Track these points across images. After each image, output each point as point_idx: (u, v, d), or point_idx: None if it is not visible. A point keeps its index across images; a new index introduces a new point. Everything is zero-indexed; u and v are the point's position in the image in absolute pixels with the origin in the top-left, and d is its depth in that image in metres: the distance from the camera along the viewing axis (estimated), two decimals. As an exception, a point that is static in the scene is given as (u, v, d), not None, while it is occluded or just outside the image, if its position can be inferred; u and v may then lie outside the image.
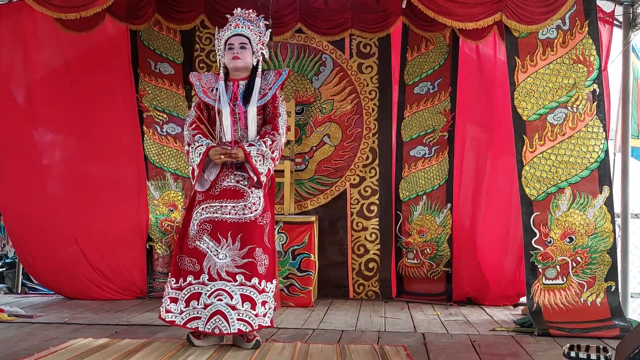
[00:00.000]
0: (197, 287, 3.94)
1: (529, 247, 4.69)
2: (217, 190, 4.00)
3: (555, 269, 4.63)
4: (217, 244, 3.95)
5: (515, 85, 4.77)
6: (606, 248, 4.65)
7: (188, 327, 3.94)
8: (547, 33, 4.75)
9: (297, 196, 6.30)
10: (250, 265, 3.93)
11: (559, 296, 4.60)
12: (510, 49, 4.80)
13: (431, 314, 5.41)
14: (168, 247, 6.15)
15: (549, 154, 4.71)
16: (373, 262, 6.25)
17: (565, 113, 4.71)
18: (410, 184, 6.20)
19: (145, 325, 4.75)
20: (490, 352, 4.01)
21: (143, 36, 6.20)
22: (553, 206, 4.69)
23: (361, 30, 6.14)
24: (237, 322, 3.87)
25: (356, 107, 6.30)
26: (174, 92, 6.22)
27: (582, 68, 4.73)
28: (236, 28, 4.05)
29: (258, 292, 3.92)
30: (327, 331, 4.61)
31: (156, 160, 6.20)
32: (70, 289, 5.96)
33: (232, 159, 3.93)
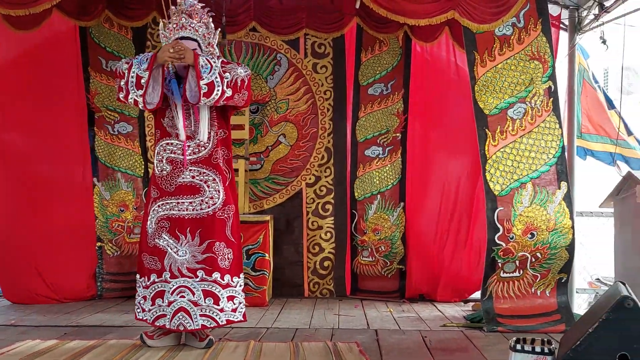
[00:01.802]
0: (161, 284, 3.93)
1: (491, 243, 4.71)
2: (173, 187, 3.95)
3: (514, 264, 4.69)
4: (176, 241, 3.92)
5: (475, 79, 4.82)
6: (565, 244, 4.72)
7: (156, 324, 3.93)
8: (504, 30, 4.82)
9: (253, 196, 6.28)
10: (211, 260, 3.91)
11: (512, 286, 4.67)
12: (469, 44, 4.86)
13: (384, 311, 5.46)
14: (118, 248, 6.07)
15: (510, 148, 4.76)
16: (328, 261, 6.28)
17: (525, 108, 4.78)
18: (365, 183, 6.25)
19: (96, 326, 4.68)
20: (440, 347, 4.08)
21: (93, 33, 6.09)
22: (516, 201, 4.72)
23: (316, 30, 6.17)
24: (200, 317, 3.86)
25: (311, 106, 6.32)
26: (126, 89, 6.14)
27: (538, 65, 4.81)
28: (183, 30, 3.95)
29: (221, 287, 3.91)
30: (281, 330, 4.62)
31: (107, 160, 6.11)
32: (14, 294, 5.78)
33: (180, 55, 3.76)
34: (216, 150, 4.00)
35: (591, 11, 5.72)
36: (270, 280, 5.89)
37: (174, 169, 3.96)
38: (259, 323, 4.84)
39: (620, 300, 3.06)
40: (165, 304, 3.90)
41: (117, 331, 4.45)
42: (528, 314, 4.61)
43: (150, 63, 3.79)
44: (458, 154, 5.97)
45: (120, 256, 6.07)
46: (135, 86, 3.79)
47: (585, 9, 5.77)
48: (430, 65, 6.17)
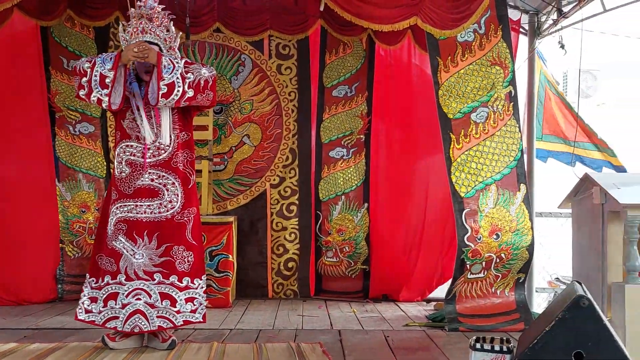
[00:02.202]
0: (115, 287, 3.90)
1: (461, 244, 4.77)
2: (131, 190, 3.93)
3: (480, 265, 4.77)
4: (133, 243, 3.90)
5: (439, 84, 4.89)
6: (526, 244, 4.81)
7: (107, 326, 3.90)
8: (465, 36, 4.91)
9: (217, 197, 6.27)
10: (168, 263, 3.91)
11: (474, 286, 4.75)
12: (432, 50, 4.93)
13: (348, 311, 5.50)
14: (80, 249, 6.00)
15: (474, 151, 4.84)
16: (292, 262, 6.30)
17: (487, 112, 4.87)
18: (329, 184, 6.28)
19: (57, 328, 4.63)
20: (402, 347, 4.13)
21: (55, 33, 6.01)
22: (481, 203, 4.81)
23: (280, 31, 6.18)
24: (157, 319, 3.85)
25: (276, 107, 6.33)
26: (87, 89, 6.07)
27: (499, 70, 4.91)
28: (144, 34, 3.93)
29: (179, 290, 3.90)
30: (245, 331, 4.62)
31: (68, 160, 6.03)
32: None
33: (144, 55, 3.77)
34: (177, 153, 3.99)
35: (550, 16, 5.85)
36: (234, 281, 5.88)
37: (133, 171, 3.94)
38: (223, 324, 4.84)
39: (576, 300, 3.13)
40: (119, 306, 3.87)
41: (78, 333, 4.40)
42: (488, 314, 4.70)
43: (115, 62, 3.78)
44: (421, 156, 6.05)
45: (82, 257, 6.00)
46: (99, 85, 3.78)
47: (544, 14, 5.91)
48: (393, 67, 6.24)
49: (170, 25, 4.04)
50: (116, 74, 3.78)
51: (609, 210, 4.54)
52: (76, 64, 3.90)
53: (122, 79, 3.84)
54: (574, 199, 5.25)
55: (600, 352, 2.99)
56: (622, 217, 4.37)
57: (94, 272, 4.00)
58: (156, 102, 3.81)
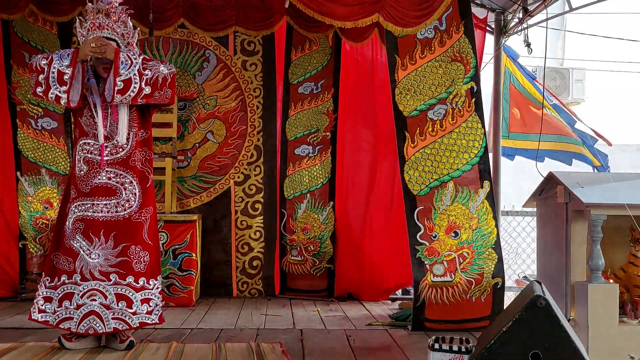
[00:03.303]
0: (70, 287, 3.84)
1: (414, 242, 4.74)
2: (88, 188, 3.87)
3: (442, 265, 4.71)
4: (90, 243, 3.84)
5: (396, 82, 4.86)
6: (490, 243, 4.77)
7: (61, 327, 3.84)
8: (426, 33, 4.87)
9: (179, 194, 6.19)
10: (125, 263, 3.85)
11: (446, 293, 4.68)
12: (390, 48, 4.90)
13: (312, 310, 5.48)
14: (42, 246, 5.89)
15: (430, 148, 4.80)
16: (257, 260, 6.25)
17: (445, 109, 4.84)
18: (295, 182, 6.24)
19: (14, 328, 4.54)
20: (364, 346, 4.12)
21: (16, 27, 5.90)
22: (436, 200, 4.76)
23: (245, 27, 6.10)
24: (112, 320, 3.80)
25: (240, 104, 6.27)
26: (50, 86, 5.95)
27: (459, 66, 4.88)
28: (101, 30, 3.87)
29: (135, 290, 3.86)
30: (206, 330, 4.58)
31: (30, 155, 5.91)
32: None
33: (101, 50, 3.71)
34: (135, 152, 3.93)
35: (516, 15, 5.87)
36: (198, 280, 5.82)
37: (90, 169, 3.88)
38: (184, 324, 4.79)
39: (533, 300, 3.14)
40: (74, 306, 3.81)
41: (36, 333, 4.32)
42: (457, 319, 4.65)
43: (73, 59, 3.73)
44: (386, 154, 6.02)
45: (44, 255, 5.88)
46: (57, 82, 3.72)
47: (510, 13, 5.93)
48: (360, 64, 6.22)
49: (128, 21, 3.97)
50: (74, 70, 3.73)
51: (573, 209, 4.58)
52: (32, 60, 3.82)
53: (80, 75, 3.78)
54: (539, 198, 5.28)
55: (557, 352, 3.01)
56: (586, 216, 4.41)
57: (49, 271, 3.93)
58: (112, 98, 3.75)
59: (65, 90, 3.72)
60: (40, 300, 3.90)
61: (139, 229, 3.90)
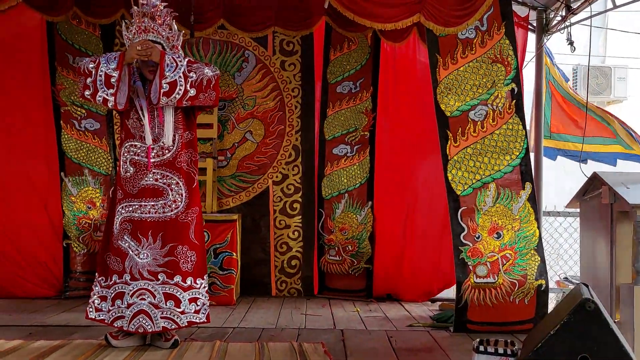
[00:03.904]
0: (121, 286, 3.91)
1: (457, 242, 4.71)
2: (136, 190, 3.93)
3: (485, 266, 4.67)
4: (138, 243, 3.90)
5: (437, 82, 4.84)
6: (533, 245, 4.72)
7: (114, 325, 3.91)
8: (467, 33, 4.84)
9: (219, 194, 6.25)
10: (172, 263, 3.90)
11: (488, 294, 4.64)
12: (432, 47, 4.87)
13: (351, 310, 5.48)
14: (85, 245, 5.99)
15: (472, 149, 4.78)
16: (295, 260, 6.28)
17: (486, 110, 4.80)
18: (333, 182, 6.24)
19: (61, 326, 4.63)
20: (405, 347, 4.10)
21: (61, 30, 6.00)
22: (479, 201, 4.73)
23: (284, 28, 6.13)
24: (161, 319, 3.85)
25: (279, 104, 6.30)
26: (93, 87, 6.05)
27: (500, 67, 4.84)
28: (146, 34, 3.92)
29: (183, 290, 3.90)
30: (247, 329, 4.61)
31: (74, 156, 6.01)
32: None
33: (147, 53, 3.78)
34: (180, 153, 3.98)
35: (558, 12, 5.79)
36: (238, 279, 5.87)
37: (137, 171, 3.94)
38: (226, 323, 4.83)
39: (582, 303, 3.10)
40: (124, 305, 3.88)
41: (82, 331, 4.40)
42: (500, 322, 4.59)
43: (120, 62, 3.78)
44: (426, 153, 5.97)
45: (87, 254, 5.99)
46: (104, 85, 3.78)
47: (552, 11, 5.84)
48: (399, 64, 6.18)
49: (173, 24, 4.02)
50: (121, 73, 3.78)
51: (618, 210, 4.48)
52: (80, 64, 3.89)
53: (127, 78, 3.84)
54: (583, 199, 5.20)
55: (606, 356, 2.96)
56: (631, 217, 4.31)
57: (102, 271, 4.01)
58: (157, 100, 3.80)
59: (113, 92, 3.78)
60: (96, 300, 3.98)
61: (186, 229, 3.95)
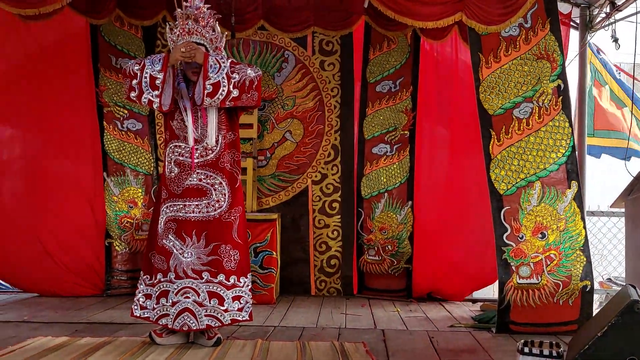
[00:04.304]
0: (166, 284, 3.96)
1: (500, 242, 4.66)
2: (180, 190, 3.98)
3: (528, 267, 4.61)
4: (182, 242, 3.95)
5: (480, 80, 4.79)
6: (579, 245, 4.64)
7: (159, 323, 3.96)
8: (510, 30, 4.78)
9: (259, 193, 6.29)
10: (216, 262, 3.94)
11: (532, 295, 4.57)
12: (474, 46, 4.83)
13: (391, 310, 5.47)
14: (127, 244, 6.09)
15: (516, 147, 4.71)
16: (335, 259, 6.29)
17: (531, 107, 4.73)
18: (372, 181, 6.23)
19: (106, 323, 4.71)
20: (447, 348, 4.08)
21: (104, 31, 6.10)
22: (523, 200, 4.67)
23: (324, 28, 6.16)
24: (205, 317, 3.90)
25: (318, 103, 6.32)
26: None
27: (545, 64, 4.76)
28: (190, 36, 3.97)
29: (226, 288, 3.94)
30: (288, 328, 4.63)
31: (116, 156, 6.12)
32: (32, 284, 5.94)
33: (191, 54, 3.82)
34: (223, 153, 4.03)
35: (603, 9, 5.68)
36: (278, 278, 5.90)
37: (181, 171, 3.99)
38: (267, 321, 4.86)
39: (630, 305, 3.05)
40: (169, 304, 3.93)
41: (127, 328, 4.48)
42: (544, 323, 4.53)
43: (164, 63, 3.84)
44: (467, 152, 5.90)
45: (129, 253, 6.10)
46: (149, 86, 3.84)
47: (596, 7, 5.73)
48: (439, 62, 6.15)
49: (216, 25, 4.06)
50: (165, 75, 3.84)
51: (665, 209, 4.40)
52: (126, 66, 3.96)
53: (171, 79, 3.89)
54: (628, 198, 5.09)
55: (656, 358, 2.92)
56: (678, 216, 4.24)
57: (147, 270, 4.07)
58: (201, 101, 3.84)
59: (157, 94, 3.84)
60: (141, 298, 4.05)
61: (229, 229, 3.99)
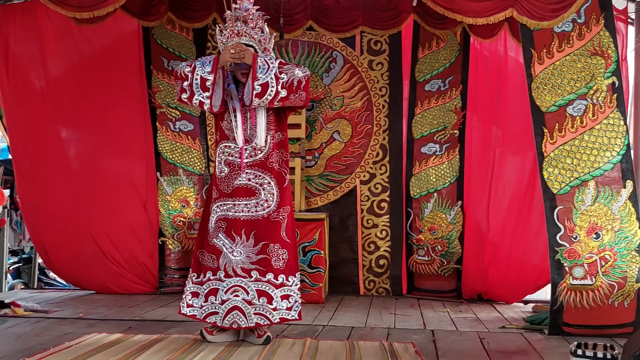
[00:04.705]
0: (215, 283, 4.02)
1: (553, 243, 4.57)
2: (230, 189, 4.04)
3: (582, 268, 4.51)
4: (232, 241, 4.00)
5: (532, 77, 4.71)
6: (634, 246, 4.52)
7: (207, 321, 4.02)
8: (563, 26, 4.68)
9: (307, 193, 6.32)
10: (265, 261, 3.99)
11: (585, 297, 4.49)
12: (526, 42, 4.75)
13: (441, 311, 5.43)
14: (180, 243, 6.19)
15: (570, 145, 4.62)
16: (384, 259, 6.28)
17: (585, 105, 4.63)
18: (421, 181, 6.20)
19: (159, 320, 4.81)
20: (498, 350, 4.03)
21: (156, 34, 6.24)
22: (577, 200, 4.58)
23: (372, 27, 6.16)
24: (254, 316, 3.94)
25: (366, 103, 6.32)
26: (187, 89, 6.25)
27: (600, 60, 4.66)
28: (240, 37, 4.01)
29: (275, 287, 3.98)
30: (337, 327, 4.65)
31: (169, 156, 6.24)
32: (88, 282, 6.11)
33: (240, 56, 3.88)
34: (272, 153, 4.07)
35: (660, 4, 5.52)
36: (326, 277, 5.92)
37: (231, 171, 4.05)
38: (315, 320, 4.89)
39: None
40: (219, 301, 3.98)
41: (178, 326, 4.56)
42: (598, 324, 4.44)
43: (214, 65, 3.90)
44: (517, 151, 5.84)
45: (182, 251, 6.20)
46: (200, 88, 3.90)
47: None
48: (489, 61, 6.08)
49: (264, 27, 4.11)
50: (216, 76, 3.90)
51: None
52: (177, 68, 4.04)
53: (222, 81, 3.95)
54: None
55: None
56: None
57: (195, 268, 4.14)
58: (250, 102, 3.89)
59: (208, 95, 3.90)
60: (188, 296, 4.11)
61: (277, 228, 4.03)
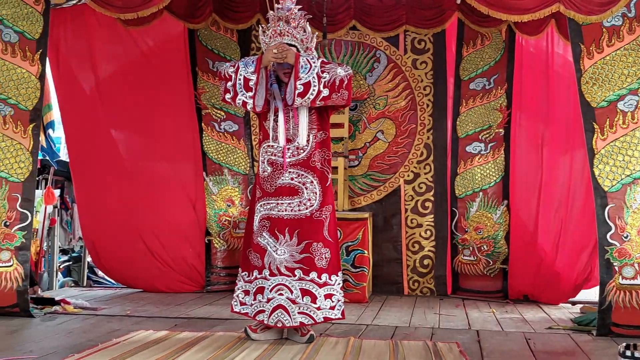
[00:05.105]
0: (261, 281, 4.06)
1: (603, 242, 4.48)
2: (273, 188, 4.07)
3: (633, 267, 4.41)
4: (276, 240, 4.03)
5: (581, 71, 4.61)
6: None
7: (257, 318, 4.06)
8: (612, 20, 4.57)
9: (350, 192, 6.33)
10: (308, 260, 4.00)
11: (635, 296, 4.38)
12: (574, 37, 4.65)
13: (487, 311, 5.37)
14: (225, 242, 6.27)
15: (621, 142, 4.52)
16: (428, 259, 6.24)
17: (637, 100, 4.52)
18: (466, 180, 6.14)
19: (204, 318, 4.87)
20: (545, 350, 3.96)
21: (201, 36, 6.33)
22: (629, 198, 4.47)
23: (416, 26, 6.12)
24: (298, 315, 3.95)
25: (410, 102, 6.29)
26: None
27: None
28: (282, 37, 4.03)
29: (318, 286, 4.00)
30: (381, 327, 4.64)
31: (214, 156, 6.32)
32: (135, 281, 6.24)
33: (283, 55, 3.90)
34: (314, 152, 4.08)
35: None
36: (370, 277, 5.92)
37: (274, 170, 4.08)
38: (359, 319, 4.88)
39: None
40: (265, 300, 4.02)
41: (223, 324, 4.62)
42: None
43: (257, 65, 3.94)
44: (566, 148, 5.72)
45: (227, 250, 6.28)
46: (243, 88, 3.95)
47: None
48: (535, 58, 5.98)
49: (307, 26, 4.12)
50: (258, 76, 3.93)
51: None
52: (221, 69, 4.09)
53: (264, 81, 3.98)
54: None
55: None
56: None
57: (245, 266, 4.19)
58: (292, 101, 3.92)
59: (251, 95, 3.94)
60: (240, 294, 4.17)
61: (320, 227, 4.04)
